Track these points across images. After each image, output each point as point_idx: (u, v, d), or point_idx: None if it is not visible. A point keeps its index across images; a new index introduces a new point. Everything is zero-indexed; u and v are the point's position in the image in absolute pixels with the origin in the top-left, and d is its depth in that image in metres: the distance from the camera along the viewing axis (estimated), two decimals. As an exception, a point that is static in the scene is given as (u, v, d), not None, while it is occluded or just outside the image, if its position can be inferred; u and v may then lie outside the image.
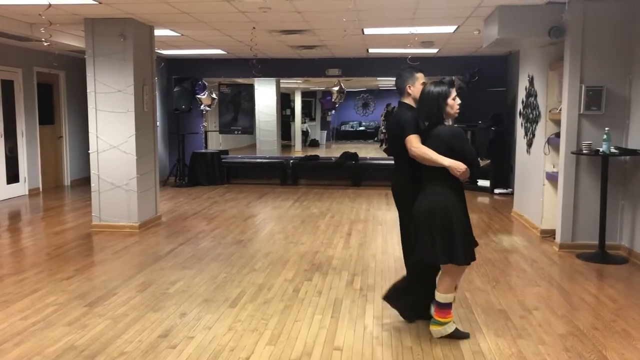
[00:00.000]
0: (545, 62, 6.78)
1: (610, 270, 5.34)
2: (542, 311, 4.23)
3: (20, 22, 7.14)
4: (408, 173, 3.80)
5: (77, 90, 10.56)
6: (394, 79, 4.05)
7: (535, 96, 7.11)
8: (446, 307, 3.66)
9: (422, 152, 3.56)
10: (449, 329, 3.68)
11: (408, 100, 3.90)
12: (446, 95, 3.59)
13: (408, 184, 3.80)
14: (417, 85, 3.85)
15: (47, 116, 10.53)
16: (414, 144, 3.61)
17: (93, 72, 6.87)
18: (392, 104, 15.38)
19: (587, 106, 5.81)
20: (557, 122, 6.43)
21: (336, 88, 12.20)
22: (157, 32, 7.63)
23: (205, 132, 12.20)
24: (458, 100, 3.68)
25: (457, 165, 3.47)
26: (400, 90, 3.95)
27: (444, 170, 3.51)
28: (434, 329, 3.70)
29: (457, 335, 3.68)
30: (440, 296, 3.64)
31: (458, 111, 3.67)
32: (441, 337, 3.69)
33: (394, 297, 3.93)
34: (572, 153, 5.90)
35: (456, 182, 3.56)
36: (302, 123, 20.81)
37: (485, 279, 5.03)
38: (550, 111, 6.70)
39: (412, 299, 3.88)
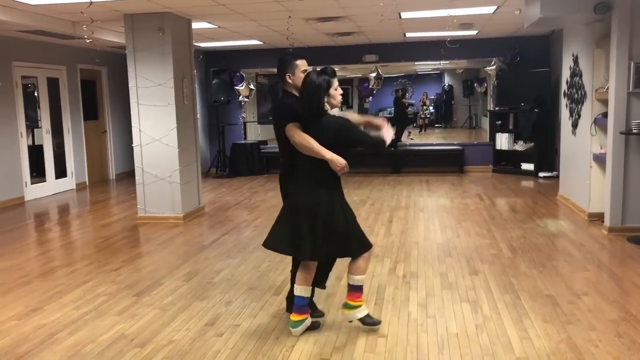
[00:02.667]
0: (590, 40, 6.54)
1: (663, 253, 5.16)
2: (591, 296, 4.12)
3: (63, 21, 7.33)
4: (288, 162, 3.67)
5: (119, 86, 10.79)
6: (431, 63, 3.93)
7: (581, 76, 6.89)
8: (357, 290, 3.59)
9: (304, 141, 3.41)
10: (359, 314, 3.60)
11: (290, 89, 3.71)
12: (328, 86, 3.45)
13: (287, 173, 3.71)
14: (297, 73, 3.64)
15: (91, 112, 10.81)
16: (295, 132, 3.47)
17: (134, 67, 7.00)
18: (425, 89, 14.99)
19: (637, 84, 5.60)
20: (604, 102, 6.22)
21: (373, 74, 12.09)
22: (195, 25, 7.71)
23: (244, 123, 12.29)
24: (340, 91, 3.55)
25: (337, 160, 3.38)
26: (281, 79, 3.75)
27: (322, 162, 3.40)
28: (346, 312, 3.64)
29: (368, 322, 3.61)
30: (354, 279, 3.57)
31: (341, 101, 3.58)
32: (482, 325, 3.64)
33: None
34: (621, 133, 5.70)
35: (332, 175, 3.46)
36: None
37: (532, 264, 4.92)
38: (596, 90, 6.48)
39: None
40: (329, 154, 3.39)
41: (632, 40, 5.59)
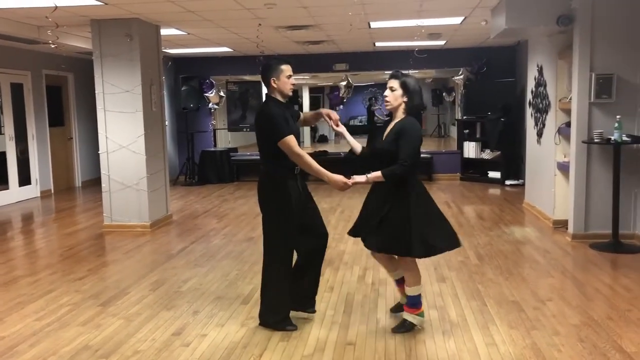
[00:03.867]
0: (554, 51, 6.71)
1: (624, 259, 5.29)
2: (555, 302, 4.20)
3: (27, 25, 7.18)
4: (270, 168, 3.65)
5: (85, 92, 10.61)
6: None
7: (545, 86, 7.05)
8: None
9: (306, 162, 3.56)
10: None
11: (275, 95, 3.65)
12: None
13: (269, 180, 3.67)
14: (282, 78, 3.59)
15: (56, 118, 10.60)
16: (295, 148, 3.51)
17: (101, 73, 6.90)
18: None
19: (598, 94, 5.76)
20: (568, 112, 6.37)
21: (344, 83, 12.16)
22: (164, 32, 7.64)
23: (214, 130, 12.22)
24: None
25: (335, 180, 3.63)
26: (265, 83, 3.68)
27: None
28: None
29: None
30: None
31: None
32: (449, 331, 3.68)
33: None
34: (583, 142, 5.85)
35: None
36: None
37: (498, 271, 5.00)
38: (560, 100, 6.64)
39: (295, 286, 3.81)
40: (326, 176, 3.60)
41: (592, 52, 5.75)
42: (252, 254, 5.72)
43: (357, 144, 3.88)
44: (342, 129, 3.88)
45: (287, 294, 3.74)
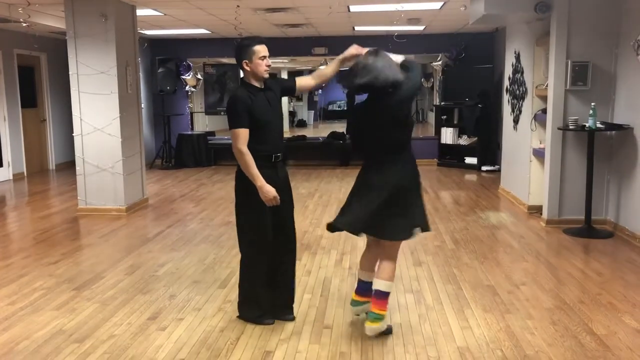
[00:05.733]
0: (531, 38, 6.76)
1: (596, 244, 5.40)
2: (529, 286, 4.27)
3: (-2, 3, 6.98)
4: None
5: (59, 73, 10.38)
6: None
7: (522, 72, 7.10)
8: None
9: (244, 161, 3.29)
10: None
11: (248, 79, 3.38)
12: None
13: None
14: (255, 60, 3.31)
15: (29, 99, 10.36)
16: (239, 143, 3.27)
17: (75, 53, 6.74)
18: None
19: (573, 82, 5.82)
20: (544, 98, 6.44)
21: (323, 67, 12.13)
22: (140, 12, 7.49)
23: (191, 114, 12.08)
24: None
25: (266, 191, 3.29)
26: (238, 66, 3.40)
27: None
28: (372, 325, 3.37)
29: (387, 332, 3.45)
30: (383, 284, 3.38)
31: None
32: (425, 315, 3.72)
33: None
34: (559, 129, 5.92)
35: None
36: (288, 103, 20.67)
37: (473, 256, 5.06)
38: (536, 87, 6.70)
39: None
40: (259, 181, 3.29)
41: (569, 40, 5.81)
42: (230, 238, 5.70)
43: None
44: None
45: (263, 287, 3.55)
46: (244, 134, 3.30)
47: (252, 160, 3.31)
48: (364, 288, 3.56)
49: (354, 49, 3.47)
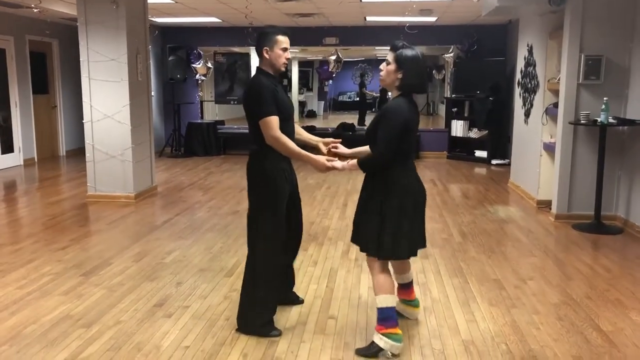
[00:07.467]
0: (544, 31, 6.68)
1: (605, 240, 5.36)
2: (536, 281, 4.25)
3: (10, -11, 7.01)
4: (261, 149, 3.24)
5: (70, 59, 10.41)
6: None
7: (534, 66, 7.04)
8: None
9: (284, 144, 3.15)
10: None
11: (265, 67, 3.28)
12: None
13: (257, 159, 3.29)
14: (276, 50, 3.22)
15: (40, 85, 10.41)
16: (273, 130, 3.13)
17: (86, 40, 6.75)
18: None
19: (586, 76, 5.76)
20: (556, 92, 6.37)
21: (333, 57, 12.06)
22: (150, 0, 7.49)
23: (201, 102, 12.09)
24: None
25: (317, 162, 3.21)
26: (257, 53, 3.31)
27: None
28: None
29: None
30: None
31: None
32: (430, 308, 3.71)
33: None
34: (570, 123, 5.86)
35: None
36: (299, 94, 20.63)
37: (481, 249, 5.04)
38: (549, 81, 6.63)
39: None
40: (307, 157, 3.18)
41: (583, 33, 5.73)
42: (237, 227, 5.71)
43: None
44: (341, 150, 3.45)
45: (276, 291, 3.39)
46: (275, 121, 3.15)
47: (290, 141, 3.20)
48: (401, 288, 3.50)
49: (339, 165, 3.28)
